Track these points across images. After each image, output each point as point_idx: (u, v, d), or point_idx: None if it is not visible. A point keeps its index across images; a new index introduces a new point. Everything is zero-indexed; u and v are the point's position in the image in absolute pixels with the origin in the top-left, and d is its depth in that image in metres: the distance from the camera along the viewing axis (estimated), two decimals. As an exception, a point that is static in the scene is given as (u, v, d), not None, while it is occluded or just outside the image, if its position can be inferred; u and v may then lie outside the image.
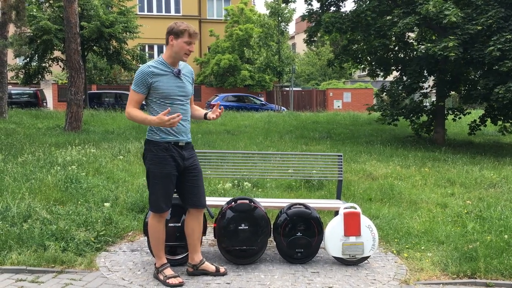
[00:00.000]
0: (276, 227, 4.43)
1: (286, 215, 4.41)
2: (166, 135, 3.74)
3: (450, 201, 6.57)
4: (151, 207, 3.87)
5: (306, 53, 48.50)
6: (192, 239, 4.02)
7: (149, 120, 3.57)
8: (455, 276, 4.15)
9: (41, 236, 4.47)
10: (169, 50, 3.70)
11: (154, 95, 3.69)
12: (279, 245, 4.44)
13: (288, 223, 4.38)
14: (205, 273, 4.04)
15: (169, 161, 3.74)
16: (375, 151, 11.11)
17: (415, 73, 13.25)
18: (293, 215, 4.40)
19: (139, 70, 3.67)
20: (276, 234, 4.42)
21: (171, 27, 3.68)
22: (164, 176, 3.74)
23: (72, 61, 13.23)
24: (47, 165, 7.40)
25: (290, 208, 4.48)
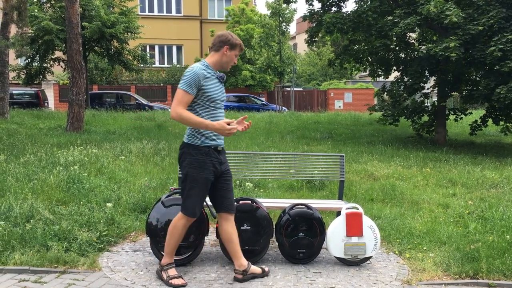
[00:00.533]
0: (278, 227, 4.44)
1: (288, 215, 4.42)
2: (207, 139, 3.74)
3: (451, 201, 6.57)
4: (185, 211, 3.81)
5: (307, 53, 48.50)
6: (233, 245, 3.97)
7: (206, 124, 3.59)
8: (457, 276, 4.15)
9: (44, 237, 4.48)
10: (218, 57, 3.76)
11: (201, 98, 3.68)
12: (281, 246, 4.45)
13: (290, 224, 4.39)
14: (253, 277, 4.00)
15: (208, 166, 3.74)
16: (377, 152, 11.10)
17: (416, 74, 13.25)
18: (295, 215, 4.41)
19: (192, 71, 3.64)
20: (278, 234, 4.42)
21: (228, 38, 3.75)
22: (203, 181, 3.74)
23: (73, 61, 13.24)
24: (49, 165, 7.42)
25: (292, 208, 4.48)
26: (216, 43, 3.75)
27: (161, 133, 13.68)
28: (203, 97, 3.68)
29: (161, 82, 33.85)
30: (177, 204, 4.30)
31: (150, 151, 9.40)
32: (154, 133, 13.50)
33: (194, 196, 3.77)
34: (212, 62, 3.76)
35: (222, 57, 3.75)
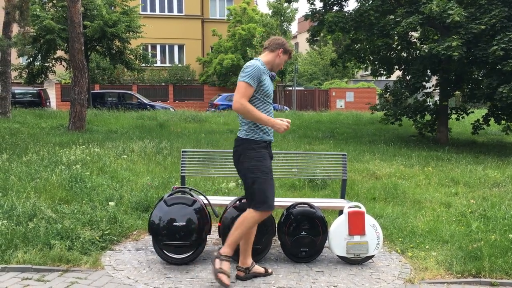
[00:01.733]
0: (280, 226, 4.44)
1: (290, 214, 4.42)
2: (264, 134, 3.83)
3: (454, 200, 6.57)
4: (261, 206, 3.77)
5: (309, 52, 48.44)
6: (248, 243, 3.97)
7: (268, 119, 3.73)
8: (460, 275, 4.15)
9: (47, 235, 4.49)
10: (272, 57, 3.92)
11: (260, 92, 3.78)
12: (283, 244, 4.45)
13: (293, 222, 4.39)
14: (255, 276, 4.01)
15: (267, 158, 3.84)
16: (379, 151, 11.09)
17: (418, 72, 13.23)
18: (298, 214, 4.41)
19: (254, 65, 3.75)
20: (280, 233, 4.42)
21: (284, 43, 3.96)
22: (270, 171, 3.83)
23: (75, 60, 13.25)
24: (52, 164, 7.43)
25: (295, 207, 4.48)
26: (272, 44, 3.94)
27: (163, 132, 13.68)
28: (261, 92, 3.79)
29: (162, 82, 33.86)
30: (180, 203, 4.32)
31: (152, 150, 9.41)
32: (156, 132, 13.51)
33: (268, 188, 3.78)
34: (266, 61, 3.92)
35: (276, 58, 3.94)
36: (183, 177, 5.26)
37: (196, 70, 35.33)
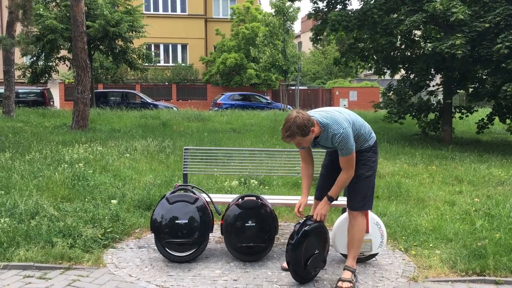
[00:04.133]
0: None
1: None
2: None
3: (458, 198, 6.52)
4: (368, 206, 3.95)
5: (312, 52, 48.38)
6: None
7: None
8: (464, 273, 4.11)
9: (49, 233, 4.49)
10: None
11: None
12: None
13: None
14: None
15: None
16: (382, 149, 11.04)
17: (422, 71, 13.17)
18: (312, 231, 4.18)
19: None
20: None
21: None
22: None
23: (78, 59, 13.26)
24: (54, 162, 7.43)
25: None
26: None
27: (166, 131, 13.68)
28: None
29: (166, 81, 33.88)
30: (182, 201, 4.30)
31: (155, 149, 9.40)
32: (159, 131, 13.51)
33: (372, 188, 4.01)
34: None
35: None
36: (185, 174, 5.25)
37: (199, 69, 35.33)
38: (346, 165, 3.74)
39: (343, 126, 3.62)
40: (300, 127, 3.51)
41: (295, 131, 3.52)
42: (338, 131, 3.60)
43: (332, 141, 3.67)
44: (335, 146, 3.70)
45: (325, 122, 3.65)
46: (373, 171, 3.94)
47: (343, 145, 3.63)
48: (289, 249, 3.79)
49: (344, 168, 3.76)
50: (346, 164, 3.73)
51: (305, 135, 3.56)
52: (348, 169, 3.75)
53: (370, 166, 3.91)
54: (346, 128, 3.62)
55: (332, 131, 3.62)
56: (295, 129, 3.51)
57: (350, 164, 3.73)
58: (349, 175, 3.76)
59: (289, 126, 3.52)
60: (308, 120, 3.54)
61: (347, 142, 3.62)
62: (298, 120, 3.51)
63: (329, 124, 3.63)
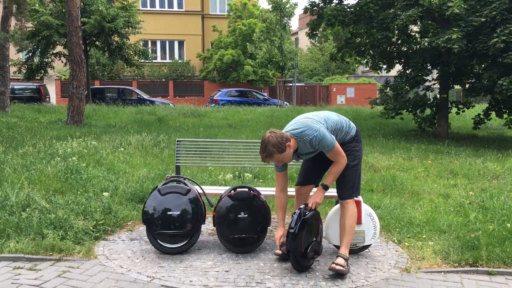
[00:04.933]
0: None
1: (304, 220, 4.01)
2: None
3: (452, 191, 6.51)
4: (356, 193, 4.05)
5: (310, 48, 48.31)
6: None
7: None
8: (457, 264, 4.10)
9: (40, 225, 4.45)
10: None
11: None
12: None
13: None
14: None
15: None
16: (378, 144, 11.03)
17: (418, 66, 13.14)
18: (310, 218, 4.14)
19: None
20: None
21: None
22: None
23: (73, 54, 13.20)
24: (48, 156, 7.38)
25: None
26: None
27: (161, 126, 13.64)
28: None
29: (163, 78, 33.81)
30: (174, 192, 4.27)
31: (150, 143, 9.36)
32: (155, 126, 13.47)
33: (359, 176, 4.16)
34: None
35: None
36: (178, 167, 5.22)
37: (196, 66, 35.26)
38: (336, 157, 3.85)
39: (314, 128, 3.74)
40: (275, 145, 3.64)
41: (272, 150, 3.65)
42: (312, 135, 3.74)
43: (312, 145, 3.79)
44: (318, 149, 3.82)
45: (297, 132, 3.78)
46: (359, 159, 4.08)
47: (323, 144, 3.75)
48: (289, 238, 3.81)
49: (335, 160, 3.87)
50: (335, 156, 3.85)
51: (282, 151, 3.68)
52: (339, 159, 3.86)
53: (355, 155, 4.04)
54: (318, 129, 3.74)
55: (307, 137, 3.75)
56: (271, 148, 3.64)
57: (339, 154, 3.85)
58: (341, 164, 3.87)
59: (264, 146, 3.66)
60: (281, 137, 3.68)
61: (325, 140, 3.73)
62: (272, 139, 3.65)
63: (302, 132, 3.77)
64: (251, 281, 3.72)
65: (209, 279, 3.74)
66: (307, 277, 3.83)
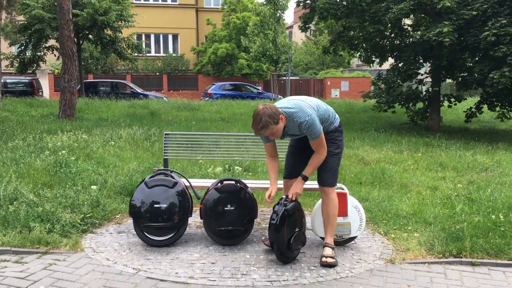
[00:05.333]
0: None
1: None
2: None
3: (440, 184, 6.55)
4: (335, 182, 4.09)
5: (304, 42, 48.24)
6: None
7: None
8: (441, 255, 4.15)
9: (27, 218, 4.45)
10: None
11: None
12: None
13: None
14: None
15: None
16: (369, 137, 11.06)
17: (410, 59, 13.16)
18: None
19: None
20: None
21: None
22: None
23: (65, 48, 13.13)
24: (37, 150, 7.37)
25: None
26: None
27: (154, 120, 13.62)
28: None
29: (157, 71, 33.70)
30: (161, 185, 4.28)
31: (141, 137, 9.35)
32: (147, 120, 13.44)
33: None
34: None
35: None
36: (166, 160, 5.23)
37: (191, 59, 35.15)
38: (318, 147, 3.90)
39: (307, 113, 3.78)
40: (271, 116, 3.67)
41: (268, 121, 3.66)
42: (304, 119, 3.76)
43: (300, 128, 3.81)
44: (303, 133, 3.85)
45: (290, 111, 3.81)
46: (341, 149, 4.18)
47: (311, 130, 3.78)
48: (272, 230, 3.84)
49: (316, 150, 3.92)
50: (318, 146, 3.90)
51: (276, 123, 3.71)
52: (321, 150, 3.91)
53: (338, 144, 4.13)
54: (311, 114, 3.78)
55: (298, 119, 3.77)
56: (267, 118, 3.66)
57: (322, 145, 3.90)
58: (322, 155, 3.92)
59: (260, 118, 3.67)
60: (275, 108, 3.73)
61: (314, 127, 3.77)
62: (267, 110, 3.68)
63: (294, 113, 3.79)
64: (237, 272, 3.75)
65: (195, 271, 3.76)
66: (292, 268, 3.86)
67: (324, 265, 3.88)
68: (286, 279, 3.66)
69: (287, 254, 3.94)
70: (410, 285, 3.60)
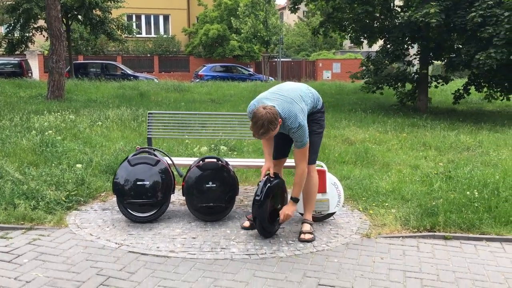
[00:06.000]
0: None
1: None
2: None
3: (422, 163, 6.67)
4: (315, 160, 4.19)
5: (297, 23, 48.00)
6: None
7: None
8: (416, 230, 4.28)
9: (12, 196, 4.53)
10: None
11: None
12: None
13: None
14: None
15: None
16: (356, 118, 11.17)
17: (398, 40, 13.21)
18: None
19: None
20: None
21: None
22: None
23: (53, 28, 13.04)
24: (24, 130, 7.41)
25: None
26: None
27: (142, 101, 13.63)
28: None
29: (148, 53, 33.48)
30: (143, 163, 4.37)
31: (128, 117, 9.40)
32: (136, 101, 13.45)
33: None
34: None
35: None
36: (150, 139, 5.30)
37: (182, 41, 34.93)
38: (300, 158, 3.96)
39: (298, 119, 3.81)
40: (272, 122, 3.69)
41: (269, 127, 3.69)
42: (294, 125, 3.82)
43: (289, 132, 3.89)
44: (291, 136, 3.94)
45: (283, 116, 3.82)
46: (323, 128, 4.27)
47: (298, 138, 3.86)
48: (255, 205, 3.95)
49: (298, 162, 3.97)
50: (300, 157, 3.96)
51: (275, 128, 3.75)
52: (302, 163, 3.97)
53: (321, 124, 4.21)
54: (302, 121, 3.83)
55: (289, 124, 3.82)
56: (269, 125, 3.68)
57: (304, 156, 3.98)
58: (303, 170, 3.98)
59: (262, 124, 3.66)
60: (276, 113, 3.72)
61: (303, 135, 3.86)
62: (268, 116, 3.66)
63: (286, 118, 3.82)
64: (216, 246, 3.87)
65: (176, 245, 3.87)
66: (270, 242, 3.98)
67: (302, 241, 4.01)
68: (264, 252, 3.78)
69: (268, 228, 4.07)
70: (383, 257, 3.73)
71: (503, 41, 10.80)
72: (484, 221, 4.30)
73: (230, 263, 3.58)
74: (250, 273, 3.41)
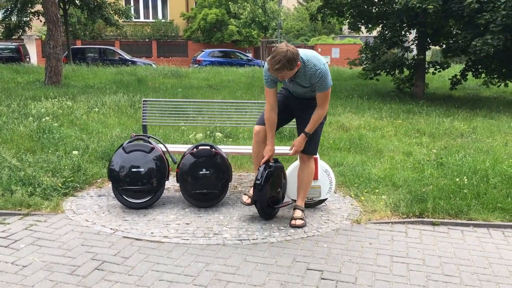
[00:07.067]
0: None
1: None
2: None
3: (415, 150, 6.75)
4: (315, 151, 4.27)
5: (296, 8, 47.67)
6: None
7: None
8: (405, 216, 4.37)
9: (9, 182, 4.61)
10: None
11: None
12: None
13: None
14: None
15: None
16: (352, 105, 11.21)
17: (395, 26, 13.19)
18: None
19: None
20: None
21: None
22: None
23: (49, 13, 13.00)
24: (21, 116, 7.46)
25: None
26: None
27: (140, 87, 13.64)
28: None
29: (146, 38, 33.32)
30: (138, 150, 4.44)
31: (125, 104, 9.44)
32: (133, 87, 13.47)
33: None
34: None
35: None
36: (145, 126, 5.37)
37: (180, 25, 34.74)
38: (323, 101, 3.98)
39: (322, 61, 3.85)
40: (290, 61, 3.62)
41: (285, 65, 3.63)
42: (319, 67, 3.80)
43: (311, 78, 3.84)
44: (313, 84, 3.88)
45: (307, 58, 3.81)
46: (325, 119, 4.27)
47: (323, 80, 3.84)
48: (256, 189, 4.08)
49: (320, 104, 3.99)
50: (323, 100, 3.98)
51: (292, 69, 3.69)
52: (325, 104, 4.01)
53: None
54: (325, 64, 3.86)
55: (313, 66, 3.80)
56: (286, 62, 3.61)
57: (327, 99, 4.01)
58: (325, 110, 4.04)
59: (279, 59, 3.60)
60: (297, 54, 3.66)
61: (326, 77, 3.85)
62: (289, 53, 3.60)
63: (310, 60, 3.81)
64: (209, 232, 3.96)
65: (170, 231, 3.96)
66: (262, 228, 4.07)
67: (293, 227, 4.10)
68: (255, 237, 3.88)
69: (267, 211, 4.23)
70: (371, 243, 3.83)
71: (500, 28, 10.80)
72: (472, 207, 4.40)
73: (222, 248, 3.67)
74: (241, 258, 3.50)
